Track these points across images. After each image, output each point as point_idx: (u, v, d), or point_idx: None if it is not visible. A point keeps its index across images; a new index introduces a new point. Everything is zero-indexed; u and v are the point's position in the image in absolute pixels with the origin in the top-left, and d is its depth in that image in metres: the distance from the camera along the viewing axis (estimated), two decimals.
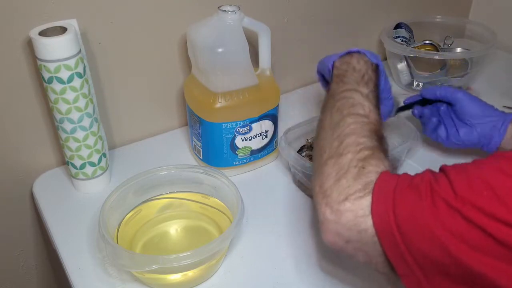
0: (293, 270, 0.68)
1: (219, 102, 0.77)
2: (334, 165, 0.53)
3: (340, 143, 0.55)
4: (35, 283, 1.01)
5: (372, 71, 0.65)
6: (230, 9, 0.75)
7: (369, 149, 0.53)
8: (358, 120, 0.57)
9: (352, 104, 0.59)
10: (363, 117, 0.57)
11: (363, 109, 0.59)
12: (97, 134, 0.78)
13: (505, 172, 0.43)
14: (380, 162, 0.52)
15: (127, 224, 0.71)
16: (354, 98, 0.60)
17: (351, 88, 0.62)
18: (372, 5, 1.16)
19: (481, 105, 0.81)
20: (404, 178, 0.49)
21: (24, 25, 0.73)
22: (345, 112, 0.58)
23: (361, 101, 0.60)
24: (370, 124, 0.57)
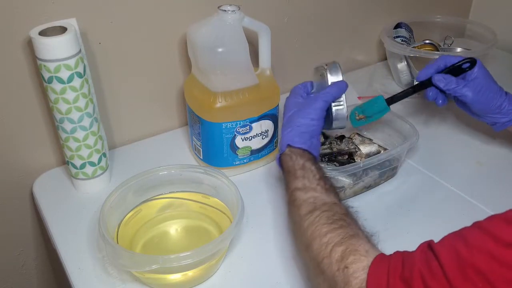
0: (293, 270, 0.68)
1: (219, 102, 0.77)
2: (319, 275, 0.54)
3: (311, 253, 0.56)
4: (35, 283, 1.01)
5: (298, 156, 0.67)
6: (230, 9, 0.75)
7: (339, 244, 0.53)
8: (310, 219, 0.58)
9: (298, 206, 0.61)
10: (313, 212, 0.58)
11: (308, 204, 0.60)
12: (97, 134, 0.78)
13: (497, 258, 0.42)
14: (357, 254, 0.51)
15: (127, 224, 0.71)
16: (297, 198, 0.62)
17: (290, 190, 0.65)
18: (372, 5, 1.16)
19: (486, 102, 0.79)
20: (395, 267, 0.48)
21: (24, 25, 0.73)
22: (297, 218, 0.61)
23: (303, 197, 0.62)
24: (324, 214, 0.58)
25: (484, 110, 0.81)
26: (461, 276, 0.43)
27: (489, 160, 0.89)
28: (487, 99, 0.79)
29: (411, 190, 0.82)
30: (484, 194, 0.81)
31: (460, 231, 0.48)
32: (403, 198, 0.81)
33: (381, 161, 0.78)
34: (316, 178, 0.64)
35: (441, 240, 0.48)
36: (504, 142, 0.93)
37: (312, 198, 0.61)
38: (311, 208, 0.59)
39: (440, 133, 0.97)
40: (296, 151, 0.68)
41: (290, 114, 0.73)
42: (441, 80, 0.79)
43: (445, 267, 0.44)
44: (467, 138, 0.95)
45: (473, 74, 0.79)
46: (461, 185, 0.82)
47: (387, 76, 1.20)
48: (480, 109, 0.81)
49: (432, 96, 0.82)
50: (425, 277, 0.45)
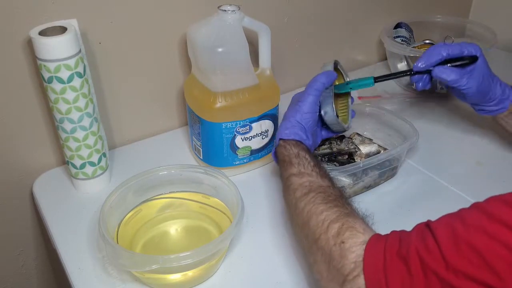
0: (293, 270, 0.68)
1: (219, 102, 0.77)
2: (317, 251, 0.55)
3: (308, 230, 0.57)
4: (35, 283, 1.01)
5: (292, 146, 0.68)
6: (230, 9, 0.75)
7: (335, 221, 0.55)
8: (306, 200, 0.59)
9: (293, 190, 0.63)
10: (308, 194, 0.60)
11: (304, 187, 0.61)
12: (97, 134, 0.78)
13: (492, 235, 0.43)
14: (354, 230, 0.53)
15: (127, 224, 0.71)
16: (292, 183, 0.64)
17: (285, 177, 0.66)
18: (372, 5, 1.16)
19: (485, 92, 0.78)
20: (391, 244, 0.49)
21: (24, 25, 0.73)
22: (293, 200, 0.62)
23: (299, 181, 0.63)
24: (319, 195, 0.59)
25: (479, 101, 0.80)
26: (457, 252, 0.44)
27: (489, 160, 0.89)
28: (485, 91, 0.78)
29: (411, 190, 0.82)
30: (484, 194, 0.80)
31: (458, 211, 0.49)
32: (403, 198, 0.81)
33: (381, 161, 0.78)
34: (311, 165, 0.65)
35: (438, 219, 0.49)
36: (504, 142, 0.93)
37: (308, 182, 0.62)
38: (307, 191, 0.61)
39: (440, 133, 0.97)
40: (290, 142, 0.69)
41: (286, 111, 0.74)
42: (443, 73, 0.75)
43: (441, 243, 0.45)
44: (467, 138, 0.95)
45: (476, 66, 0.76)
46: (461, 185, 0.82)
47: None
48: (476, 100, 0.80)
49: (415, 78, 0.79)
50: (421, 253, 0.46)
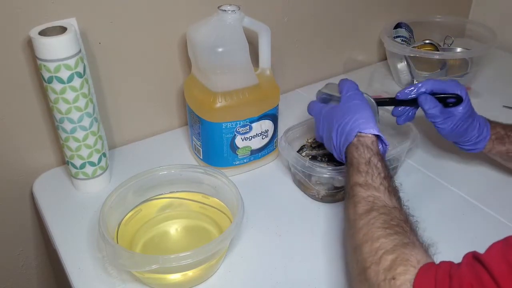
0: (293, 270, 0.68)
1: (219, 102, 0.77)
2: (364, 281, 0.51)
3: (360, 255, 0.53)
4: (35, 283, 1.01)
5: (355, 151, 0.63)
6: (230, 9, 0.75)
7: (390, 252, 0.50)
8: (366, 220, 0.55)
9: (355, 203, 0.58)
10: (370, 213, 0.55)
11: (367, 203, 0.56)
12: (97, 134, 0.78)
13: None
14: (408, 265, 0.48)
15: (127, 224, 0.71)
16: (357, 194, 0.59)
17: (350, 184, 0.61)
18: (372, 5, 1.16)
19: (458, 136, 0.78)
20: (442, 282, 0.45)
21: (24, 25, 0.73)
22: (352, 216, 0.57)
23: (363, 194, 0.58)
24: (381, 217, 0.54)
25: (452, 140, 0.80)
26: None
27: (489, 160, 0.89)
28: (459, 134, 0.77)
29: (411, 190, 0.82)
30: (484, 194, 0.81)
31: (506, 239, 0.45)
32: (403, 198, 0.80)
33: None
34: (380, 177, 0.60)
35: (487, 251, 0.46)
36: None
37: (372, 197, 0.57)
38: (369, 208, 0.56)
39: None
40: (364, 141, 0.64)
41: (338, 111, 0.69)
42: (427, 102, 0.75)
43: (498, 279, 0.42)
44: None
45: (456, 110, 0.75)
46: (461, 185, 0.82)
47: (387, 76, 1.20)
48: (449, 138, 0.79)
49: (398, 113, 0.79)
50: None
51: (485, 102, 1.07)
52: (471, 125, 0.77)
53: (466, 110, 0.76)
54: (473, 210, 0.78)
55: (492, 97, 1.09)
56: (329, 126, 0.70)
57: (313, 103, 0.77)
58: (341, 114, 0.68)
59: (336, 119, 0.68)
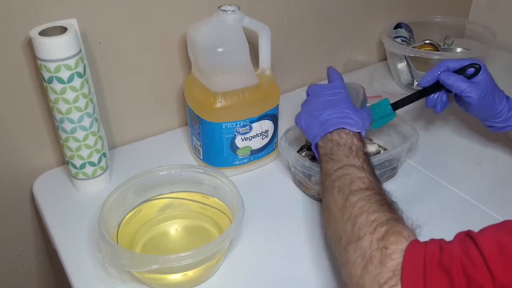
0: (293, 270, 0.68)
1: (219, 102, 0.77)
2: (355, 250, 0.52)
3: (353, 226, 0.54)
4: (35, 283, 1.01)
5: (357, 140, 0.65)
6: (230, 9, 0.75)
7: (384, 224, 0.52)
8: (362, 196, 0.56)
9: (350, 181, 0.59)
10: (366, 191, 0.57)
11: (363, 182, 0.58)
12: (97, 134, 0.78)
13: None
14: (400, 236, 0.50)
15: (127, 224, 0.71)
16: (350, 174, 0.60)
17: (343, 164, 0.61)
18: (372, 5, 1.16)
19: (488, 107, 0.79)
20: (432, 253, 0.47)
21: (24, 25, 0.73)
22: (347, 191, 0.58)
23: (358, 175, 0.59)
24: (375, 196, 0.56)
25: (484, 115, 0.81)
26: (503, 266, 0.42)
27: (489, 160, 0.89)
28: (489, 105, 0.79)
29: (411, 190, 0.82)
30: (484, 194, 0.81)
31: (502, 223, 0.47)
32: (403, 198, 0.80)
33: (381, 161, 0.78)
34: (370, 166, 0.62)
35: (481, 230, 0.47)
36: (504, 142, 0.93)
37: (367, 179, 0.59)
38: (365, 187, 0.58)
39: (440, 133, 0.97)
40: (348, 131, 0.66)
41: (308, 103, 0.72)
42: (449, 77, 0.78)
43: (487, 256, 0.43)
44: (467, 138, 0.95)
45: (477, 78, 0.78)
46: (461, 185, 0.82)
47: (387, 76, 1.20)
48: (480, 113, 0.81)
49: (432, 102, 0.82)
50: (465, 265, 0.44)
51: None
52: (498, 95, 0.79)
53: (488, 76, 0.79)
54: (473, 210, 0.78)
55: None
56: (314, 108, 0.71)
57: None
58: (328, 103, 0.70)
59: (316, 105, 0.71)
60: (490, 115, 0.81)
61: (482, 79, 0.78)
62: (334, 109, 0.69)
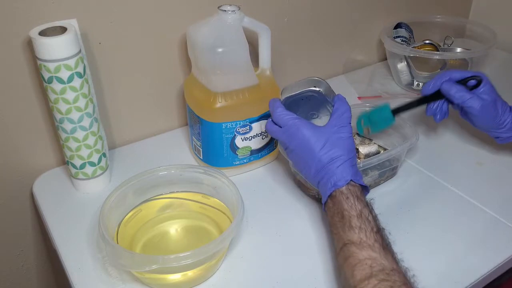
0: (293, 270, 0.68)
1: (219, 102, 0.77)
2: None
3: None
4: (35, 283, 1.01)
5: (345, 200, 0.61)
6: (230, 9, 0.75)
7: None
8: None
9: (353, 267, 0.56)
10: (368, 280, 0.53)
11: (364, 267, 0.55)
12: (97, 134, 0.78)
13: None
14: None
15: (127, 224, 0.71)
16: (352, 256, 0.57)
17: (343, 242, 0.59)
18: (372, 5, 1.16)
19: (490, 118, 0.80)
20: None
21: (24, 25, 0.73)
22: (351, 280, 0.55)
23: (359, 256, 0.56)
24: (381, 283, 0.53)
25: (487, 125, 0.82)
26: None
27: (489, 160, 0.89)
28: (492, 115, 0.80)
29: (411, 190, 0.82)
30: (484, 194, 0.81)
31: None
32: (403, 198, 0.81)
33: (381, 161, 0.78)
34: (373, 232, 0.58)
35: None
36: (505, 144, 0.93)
37: (369, 260, 0.55)
38: (367, 274, 0.54)
39: (440, 133, 0.97)
40: (354, 191, 0.62)
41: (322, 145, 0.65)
42: (451, 87, 0.79)
43: None
44: (467, 138, 0.95)
45: (479, 89, 0.80)
46: (461, 185, 0.82)
47: (387, 76, 1.20)
48: (484, 124, 0.81)
49: (432, 111, 0.83)
50: None
51: None
52: (502, 106, 0.80)
53: (490, 87, 0.80)
54: (473, 210, 0.78)
55: None
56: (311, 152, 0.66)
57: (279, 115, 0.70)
58: (330, 145, 0.65)
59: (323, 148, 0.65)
60: (494, 126, 0.81)
61: (484, 90, 0.79)
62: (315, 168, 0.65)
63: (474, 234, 0.73)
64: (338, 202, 0.62)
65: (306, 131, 0.66)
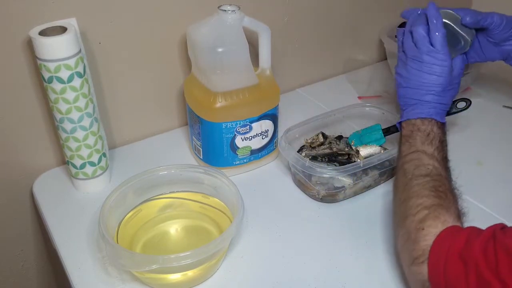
0: (293, 270, 0.68)
1: (219, 102, 0.77)
2: (402, 227, 0.61)
3: (405, 207, 0.62)
4: (35, 283, 1.01)
5: (437, 128, 0.69)
6: (230, 9, 0.75)
7: (427, 208, 0.59)
8: (420, 181, 0.62)
9: (416, 166, 0.65)
10: (425, 177, 0.63)
11: (426, 169, 0.64)
12: (97, 134, 0.78)
13: None
14: (437, 220, 0.57)
15: (127, 224, 0.71)
16: (420, 159, 0.65)
17: (416, 149, 0.67)
18: (372, 4, 1.16)
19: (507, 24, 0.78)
20: (457, 243, 0.53)
21: (24, 25, 0.73)
22: (409, 175, 0.64)
23: (425, 161, 0.65)
24: (432, 182, 0.62)
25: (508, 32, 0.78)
26: (510, 270, 0.47)
27: (489, 160, 0.89)
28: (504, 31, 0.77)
29: None
30: (484, 194, 0.81)
31: None
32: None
33: (381, 161, 0.78)
34: (442, 154, 0.67)
35: (507, 230, 0.51)
36: (504, 142, 0.93)
37: (432, 166, 0.64)
38: (426, 173, 0.63)
39: None
40: (431, 119, 0.70)
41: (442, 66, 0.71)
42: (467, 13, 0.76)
43: (499, 260, 0.48)
44: (467, 138, 0.95)
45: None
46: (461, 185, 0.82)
47: (387, 76, 1.20)
48: (503, 32, 0.78)
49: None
50: (479, 264, 0.49)
51: (485, 102, 1.07)
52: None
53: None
54: (473, 210, 0.77)
55: (492, 97, 1.09)
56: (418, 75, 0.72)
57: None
58: (436, 78, 0.70)
59: (429, 81, 0.71)
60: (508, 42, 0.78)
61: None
62: (428, 92, 0.71)
63: None
64: (421, 122, 0.70)
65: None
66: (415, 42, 0.72)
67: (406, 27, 0.76)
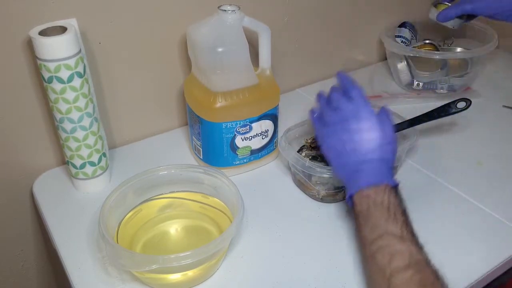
0: (293, 270, 0.68)
1: (219, 102, 0.78)
2: None
3: None
4: (35, 283, 1.01)
5: (393, 196, 0.62)
6: (230, 9, 0.75)
7: None
8: (404, 276, 0.54)
9: (390, 256, 0.57)
10: (407, 270, 0.55)
11: (403, 258, 0.56)
12: (97, 134, 0.78)
13: None
14: None
15: (127, 224, 0.71)
16: (389, 245, 0.57)
17: (381, 233, 0.59)
18: (373, 4, 1.16)
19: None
20: None
21: (24, 25, 0.73)
22: (388, 271, 0.56)
23: (398, 247, 0.57)
24: (416, 275, 0.54)
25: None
26: None
27: (489, 160, 0.89)
28: None
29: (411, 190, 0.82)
30: (484, 194, 0.81)
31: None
32: (403, 197, 0.80)
33: None
34: (409, 228, 0.60)
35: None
36: (504, 142, 0.93)
37: (408, 252, 0.56)
38: (406, 264, 0.55)
39: (440, 133, 0.97)
40: (383, 187, 0.63)
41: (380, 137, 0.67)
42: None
43: None
44: (467, 138, 0.95)
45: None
46: (461, 185, 0.82)
47: (387, 76, 1.20)
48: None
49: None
50: None
51: (485, 102, 1.07)
52: None
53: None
54: (473, 210, 0.78)
55: (492, 97, 1.09)
56: (344, 142, 0.68)
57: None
58: (376, 143, 0.66)
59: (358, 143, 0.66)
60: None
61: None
62: (365, 156, 0.65)
63: (474, 234, 0.73)
64: (374, 192, 0.62)
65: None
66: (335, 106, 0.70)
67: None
